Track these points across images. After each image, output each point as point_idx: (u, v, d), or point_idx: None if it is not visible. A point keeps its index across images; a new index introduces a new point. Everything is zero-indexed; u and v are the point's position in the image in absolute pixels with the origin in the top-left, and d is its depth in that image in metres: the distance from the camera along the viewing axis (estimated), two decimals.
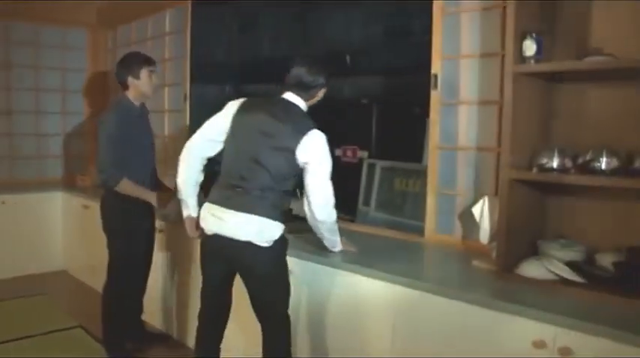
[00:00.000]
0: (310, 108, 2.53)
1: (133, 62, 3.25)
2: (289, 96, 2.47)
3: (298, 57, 2.54)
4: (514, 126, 2.24)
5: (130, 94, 3.26)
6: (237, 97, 2.53)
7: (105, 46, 5.88)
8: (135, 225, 3.27)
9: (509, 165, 2.25)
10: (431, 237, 3.01)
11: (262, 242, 2.34)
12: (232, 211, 2.35)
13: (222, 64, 5.44)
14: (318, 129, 2.39)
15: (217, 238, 2.39)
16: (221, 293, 2.59)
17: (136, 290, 3.42)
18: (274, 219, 2.37)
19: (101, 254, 3.42)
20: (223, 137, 2.47)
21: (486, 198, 2.54)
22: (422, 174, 3.51)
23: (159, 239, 3.57)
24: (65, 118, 5.75)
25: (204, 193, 2.59)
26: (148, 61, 3.28)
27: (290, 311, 2.51)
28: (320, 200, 2.41)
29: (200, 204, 2.56)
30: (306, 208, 2.45)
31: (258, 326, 2.52)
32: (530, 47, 2.21)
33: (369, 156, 3.98)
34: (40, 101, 5.59)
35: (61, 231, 5.28)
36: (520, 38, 2.23)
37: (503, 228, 2.27)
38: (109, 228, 3.29)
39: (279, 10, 4.77)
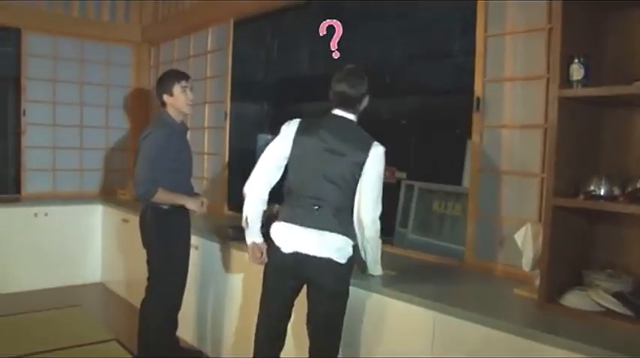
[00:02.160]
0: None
1: (166, 79, 3.29)
2: (341, 112, 2.53)
3: (337, 72, 2.56)
4: (559, 151, 2.18)
5: (170, 111, 3.29)
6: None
7: (148, 62, 6.00)
8: (174, 240, 3.28)
9: (553, 191, 2.18)
10: (471, 263, 2.95)
11: (341, 258, 2.43)
12: (312, 229, 2.43)
13: (261, 82, 5.48)
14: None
15: (295, 256, 2.43)
16: (286, 308, 2.58)
17: (173, 307, 3.41)
18: (349, 236, 2.48)
19: (138, 268, 3.45)
20: (285, 161, 2.52)
21: (529, 225, 2.47)
22: (461, 197, 3.45)
23: (194, 255, 3.58)
24: (108, 133, 5.87)
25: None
26: (180, 78, 3.30)
27: None
28: (376, 212, 2.50)
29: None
30: (357, 224, 2.51)
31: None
32: (577, 71, 2.16)
33: (408, 177, 3.94)
34: (84, 115, 5.72)
35: (99, 244, 5.35)
36: (566, 62, 2.18)
37: (547, 257, 2.20)
38: (148, 243, 3.30)
39: (316, 28, 4.80)
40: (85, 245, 5.29)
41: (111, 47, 5.83)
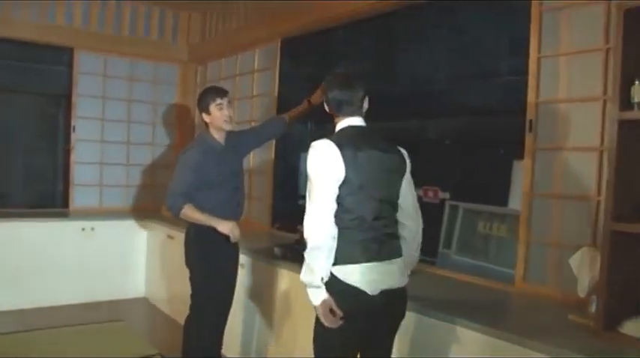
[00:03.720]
0: None
1: (203, 98, 3.27)
2: (362, 121, 2.32)
3: (341, 76, 2.33)
4: (618, 174, 2.13)
5: (211, 130, 3.28)
6: (321, 134, 2.38)
7: (194, 80, 6.11)
8: (216, 260, 3.23)
9: (612, 216, 2.12)
10: (521, 287, 2.88)
11: (406, 281, 2.29)
12: (388, 261, 2.21)
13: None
14: None
15: (381, 295, 2.16)
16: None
17: (218, 325, 3.36)
18: None
19: (181, 284, 3.46)
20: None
21: (585, 250, 2.41)
22: (507, 218, 3.39)
23: (240, 274, 3.58)
24: (154, 149, 5.99)
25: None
26: (215, 95, 3.23)
27: None
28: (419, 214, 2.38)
29: None
30: (408, 228, 2.33)
31: None
32: (638, 93, 2.11)
33: (451, 198, 3.90)
34: (132, 132, 5.85)
35: (144, 259, 5.42)
36: (627, 83, 2.13)
37: (605, 283, 2.13)
38: (191, 262, 3.28)
39: (364, 48, 4.81)
40: (130, 260, 5.36)
41: (158, 66, 5.97)
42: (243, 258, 3.62)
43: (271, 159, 4.75)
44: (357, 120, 2.30)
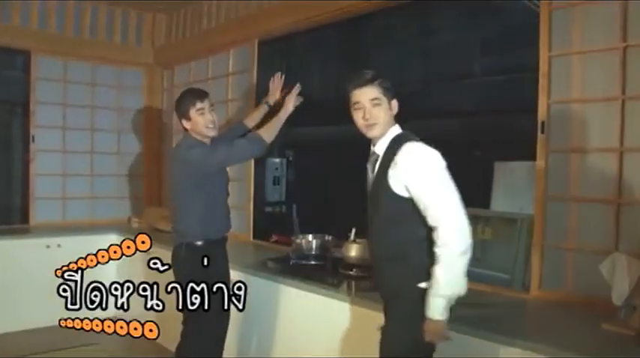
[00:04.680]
0: None
1: (181, 103, 3.01)
2: None
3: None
4: None
5: (194, 136, 3.03)
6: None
7: (161, 85, 5.82)
8: (208, 278, 2.90)
9: None
10: (537, 294, 2.78)
11: None
12: None
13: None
14: None
15: None
16: None
17: (213, 352, 3.10)
18: None
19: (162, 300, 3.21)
20: None
21: (621, 256, 2.31)
22: (491, 221, 3.32)
23: None
24: (120, 158, 5.68)
25: None
26: (194, 99, 2.98)
27: None
28: None
29: None
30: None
31: None
32: None
33: None
34: (95, 141, 5.52)
35: (115, 276, 5.09)
36: None
37: None
38: (179, 282, 2.96)
39: (335, 50, 4.70)
40: (100, 277, 5.02)
41: (122, 70, 5.67)
42: (236, 274, 3.38)
43: (251, 166, 4.53)
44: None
